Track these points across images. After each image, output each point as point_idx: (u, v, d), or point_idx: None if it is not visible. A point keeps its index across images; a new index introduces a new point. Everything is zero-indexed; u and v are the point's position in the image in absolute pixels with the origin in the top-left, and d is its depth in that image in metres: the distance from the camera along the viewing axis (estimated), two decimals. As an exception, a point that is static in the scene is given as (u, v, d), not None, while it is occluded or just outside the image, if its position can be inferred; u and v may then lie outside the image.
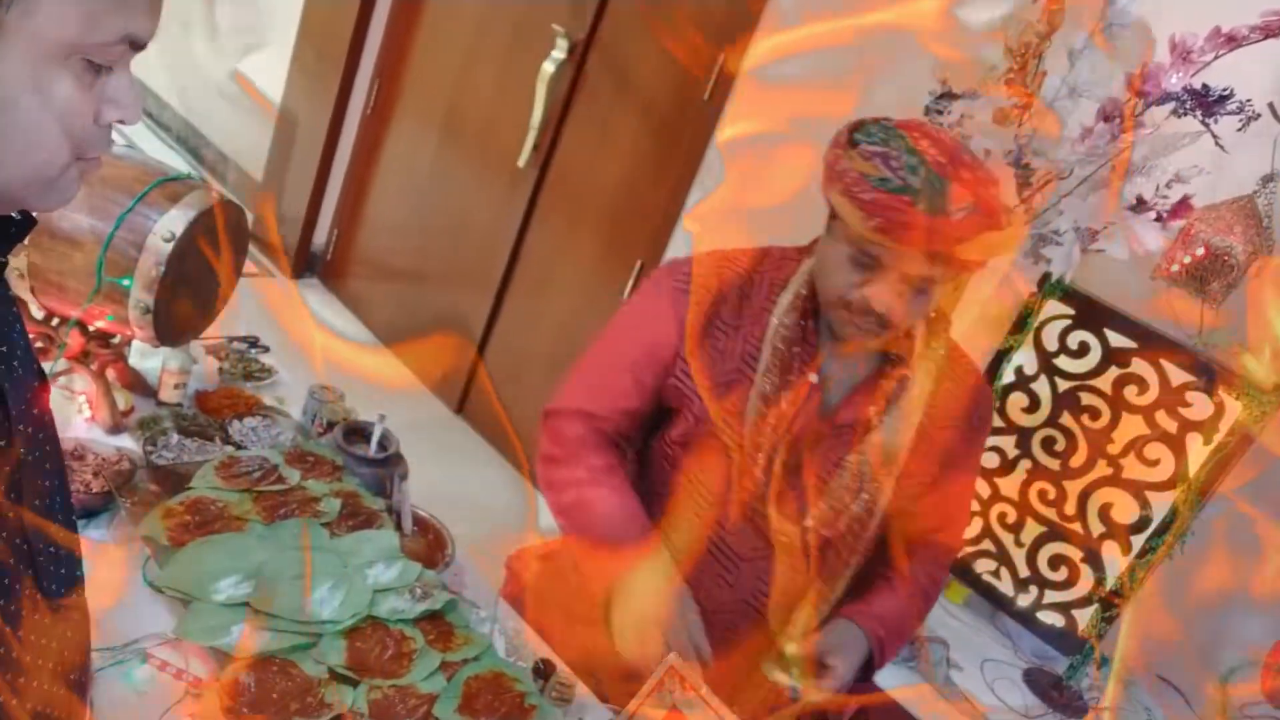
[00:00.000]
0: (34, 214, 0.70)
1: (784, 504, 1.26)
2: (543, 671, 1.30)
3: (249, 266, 1.59)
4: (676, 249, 2.75)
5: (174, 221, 1.34)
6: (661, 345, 1.29)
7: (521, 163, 3.06)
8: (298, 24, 3.62)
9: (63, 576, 0.74)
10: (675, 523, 1.32)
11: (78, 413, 1.49)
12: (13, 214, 0.68)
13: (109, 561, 1.25)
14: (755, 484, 1.25)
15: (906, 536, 1.36)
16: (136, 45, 0.63)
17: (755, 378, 1.24)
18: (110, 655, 1.11)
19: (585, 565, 1.33)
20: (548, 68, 2.95)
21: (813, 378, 1.24)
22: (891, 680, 1.80)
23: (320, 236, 3.81)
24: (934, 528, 1.37)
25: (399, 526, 1.46)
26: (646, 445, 1.41)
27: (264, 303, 3.57)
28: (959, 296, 1.85)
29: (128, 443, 1.46)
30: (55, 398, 1.45)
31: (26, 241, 1.32)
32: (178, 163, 1.49)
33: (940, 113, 1.70)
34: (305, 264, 3.84)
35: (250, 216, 1.54)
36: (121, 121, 0.64)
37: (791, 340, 1.23)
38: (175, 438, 1.48)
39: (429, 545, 1.48)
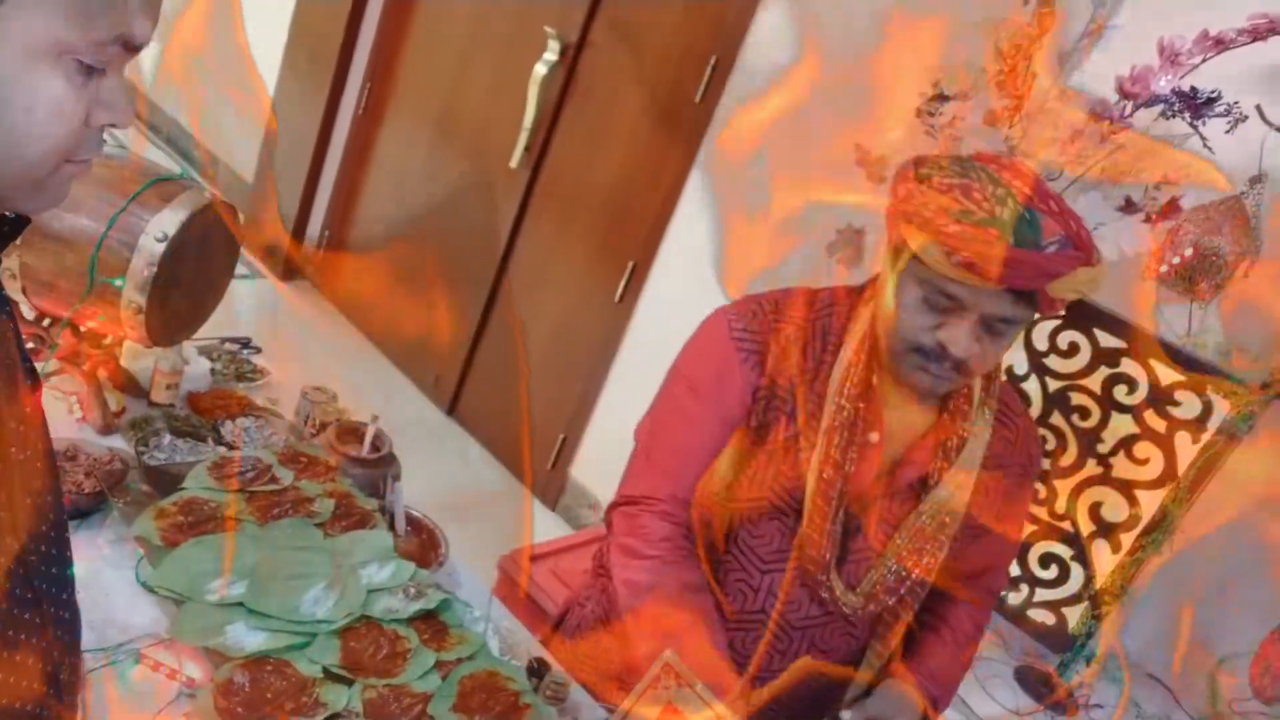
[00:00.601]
0: (26, 214, 0.70)
1: (841, 567, 1.19)
2: (537, 670, 1.30)
3: (239, 269, 1.59)
4: (669, 251, 2.75)
5: (167, 222, 1.34)
6: (733, 412, 1.19)
7: (513, 164, 3.06)
8: (289, 25, 3.61)
9: (53, 576, 0.74)
10: (727, 590, 1.25)
11: (69, 413, 1.49)
12: (4, 214, 0.68)
13: (101, 562, 1.24)
14: (816, 551, 1.17)
15: (955, 577, 1.29)
16: (131, 47, 0.62)
17: (817, 439, 1.15)
18: (103, 656, 1.11)
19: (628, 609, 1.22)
20: (540, 69, 2.95)
21: (874, 437, 1.16)
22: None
23: (311, 238, 3.81)
24: (981, 570, 1.31)
25: (392, 527, 1.46)
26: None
27: (255, 304, 3.56)
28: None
29: (120, 443, 1.46)
30: (46, 398, 1.45)
31: (19, 241, 1.32)
32: (169, 164, 1.49)
33: (933, 114, 1.71)
34: (296, 266, 3.83)
35: (241, 218, 1.54)
36: (113, 125, 0.63)
37: (856, 397, 1.15)
38: (167, 438, 1.48)
39: (422, 545, 1.48)
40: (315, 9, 3.56)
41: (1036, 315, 1.10)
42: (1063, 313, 1.89)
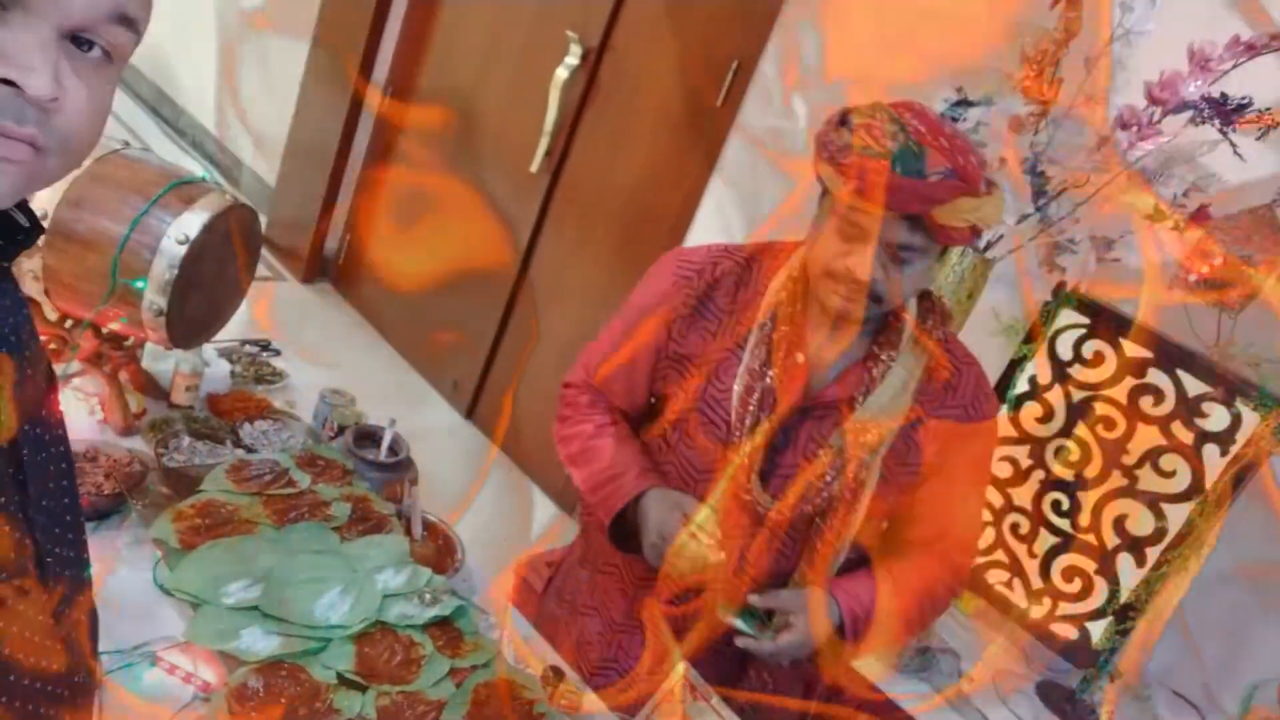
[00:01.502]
0: (42, 220, 0.70)
1: (768, 481, 1.29)
2: (552, 679, 1.29)
3: (261, 270, 1.59)
4: (688, 255, 2.74)
5: (188, 224, 1.34)
6: (655, 335, 1.34)
7: (534, 168, 3.06)
8: (313, 30, 3.63)
9: (70, 578, 0.74)
10: None
11: (90, 414, 1.49)
12: (20, 219, 0.67)
13: (119, 563, 1.25)
14: (741, 461, 1.27)
15: (906, 541, 1.37)
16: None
17: (743, 355, 1.28)
18: (119, 658, 1.11)
19: (593, 503, 1.38)
20: (561, 73, 2.95)
21: (799, 358, 1.27)
22: (903, 693, 1.78)
23: (332, 241, 3.83)
24: (935, 534, 1.35)
25: (409, 531, 1.46)
26: (644, 431, 1.45)
27: (276, 307, 3.58)
28: (971, 307, 1.84)
29: (139, 445, 1.47)
30: (67, 399, 1.46)
31: (41, 244, 1.33)
32: (192, 166, 1.49)
33: (956, 119, 1.69)
34: (317, 268, 3.85)
35: (263, 220, 1.54)
36: (8, 82, 0.54)
37: (780, 319, 1.27)
38: (186, 440, 1.48)
39: (439, 550, 1.48)
40: (338, 13, 3.58)
41: (939, 245, 1.20)
42: (1086, 321, 1.87)
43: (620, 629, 1.44)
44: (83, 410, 1.49)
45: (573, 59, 2.94)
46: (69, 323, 1.45)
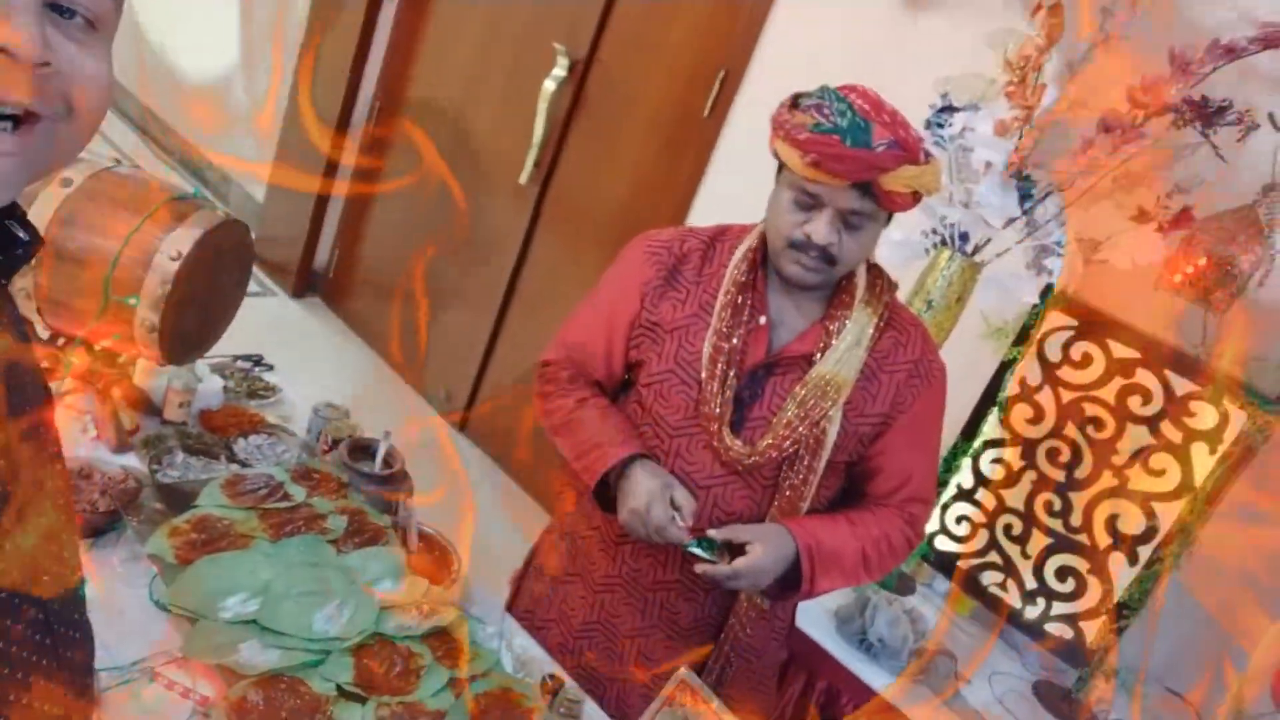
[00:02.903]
0: (39, 235, 0.70)
1: (738, 433, 1.39)
2: (551, 688, 1.29)
3: (251, 286, 1.59)
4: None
5: (181, 240, 1.35)
6: (629, 306, 1.45)
7: (523, 180, 3.07)
8: (300, 42, 3.64)
9: (65, 595, 0.74)
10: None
11: (83, 432, 1.49)
12: (19, 234, 0.68)
13: (115, 580, 1.24)
14: (712, 414, 1.38)
15: (866, 495, 1.47)
16: None
17: (711, 320, 1.40)
18: (117, 675, 1.11)
19: (579, 468, 1.45)
20: (549, 86, 2.97)
21: (761, 320, 1.40)
22: (899, 693, 1.79)
23: (322, 256, 3.82)
24: (893, 487, 1.45)
25: (405, 543, 1.46)
26: (620, 398, 1.53)
27: (267, 322, 3.58)
28: (960, 311, 1.85)
29: (133, 462, 1.46)
30: (61, 417, 1.46)
31: (34, 262, 1.33)
32: (181, 184, 1.50)
33: (942, 125, 1.71)
34: (307, 283, 3.85)
35: (253, 235, 1.55)
36: (4, 49, 0.55)
37: (743, 286, 1.40)
38: (180, 456, 1.48)
39: (435, 562, 1.48)
40: (326, 27, 3.58)
41: (885, 212, 1.32)
42: (1074, 322, 1.88)
43: (600, 588, 1.51)
44: (76, 428, 1.49)
45: (560, 71, 2.96)
46: (61, 341, 1.45)
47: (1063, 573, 1.93)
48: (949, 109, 1.69)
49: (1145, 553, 1.84)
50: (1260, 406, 1.70)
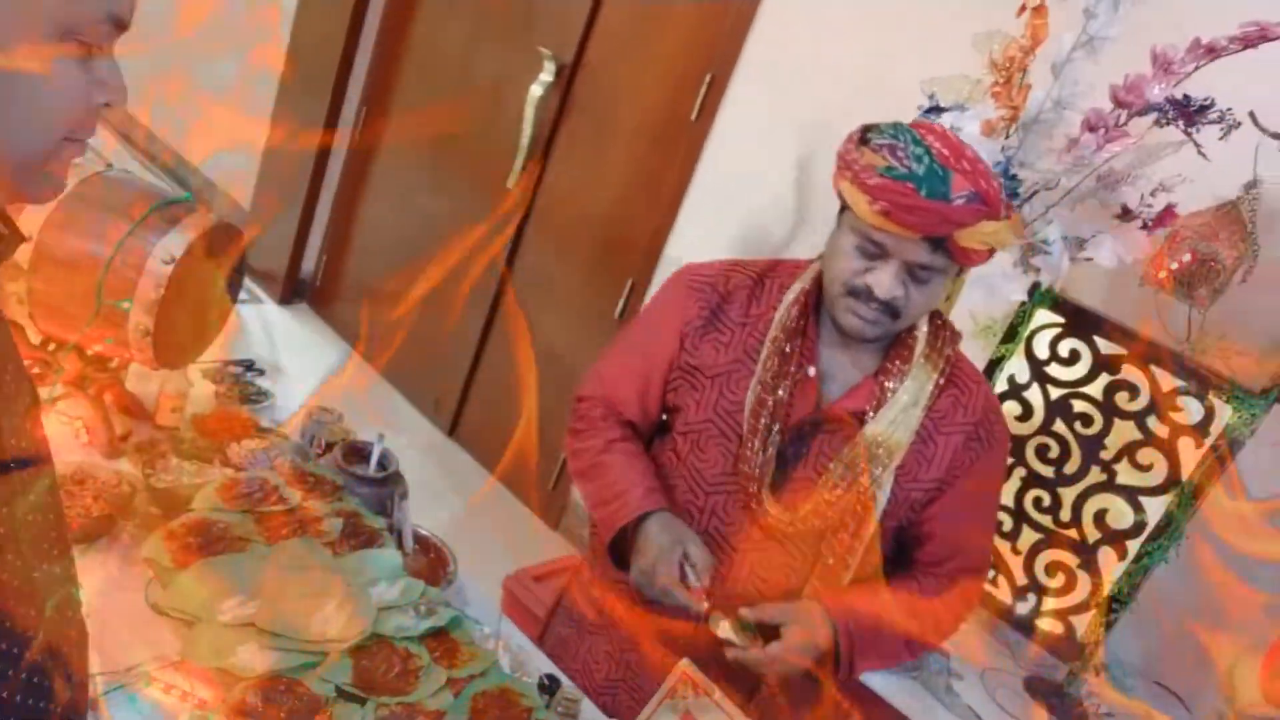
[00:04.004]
0: (20, 231, 0.71)
1: (779, 494, 1.28)
2: (548, 687, 1.30)
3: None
4: (667, 268, 2.76)
5: (173, 244, 1.35)
6: (668, 347, 1.34)
7: (510, 184, 3.08)
8: (284, 50, 3.63)
9: (59, 598, 0.74)
10: (675, 512, 1.34)
11: (75, 438, 1.48)
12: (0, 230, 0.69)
13: (111, 585, 1.24)
14: (752, 473, 1.27)
15: (914, 562, 1.35)
16: (120, 25, 0.64)
17: (755, 368, 1.28)
18: (114, 679, 1.10)
19: (598, 518, 1.37)
20: (535, 90, 2.97)
21: (810, 371, 1.29)
22: (893, 691, 1.80)
23: (309, 262, 3.81)
24: (944, 555, 1.34)
25: (400, 545, 1.46)
26: (654, 443, 1.44)
27: (255, 328, 3.56)
28: (949, 309, 1.87)
29: (126, 466, 1.46)
30: (53, 423, 1.45)
31: (26, 267, 1.33)
32: (173, 188, 1.50)
33: (928, 126, 1.72)
34: (294, 290, 3.83)
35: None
36: (108, 104, 0.65)
37: (792, 333, 1.28)
38: (173, 461, 1.48)
39: (431, 563, 1.48)
40: (311, 34, 3.58)
41: (957, 265, 1.21)
42: (1061, 320, 1.90)
43: (627, 645, 1.42)
44: (67, 433, 1.48)
45: (547, 76, 2.97)
46: (53, 346, 1.45)
47: (1052, 568, 1.94)
48: (935, 109, 1.71)
49: (1134, 547, 1.86)
50: (1245, 401, 1.73)
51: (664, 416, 1.41)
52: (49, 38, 0.60)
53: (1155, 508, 1.84)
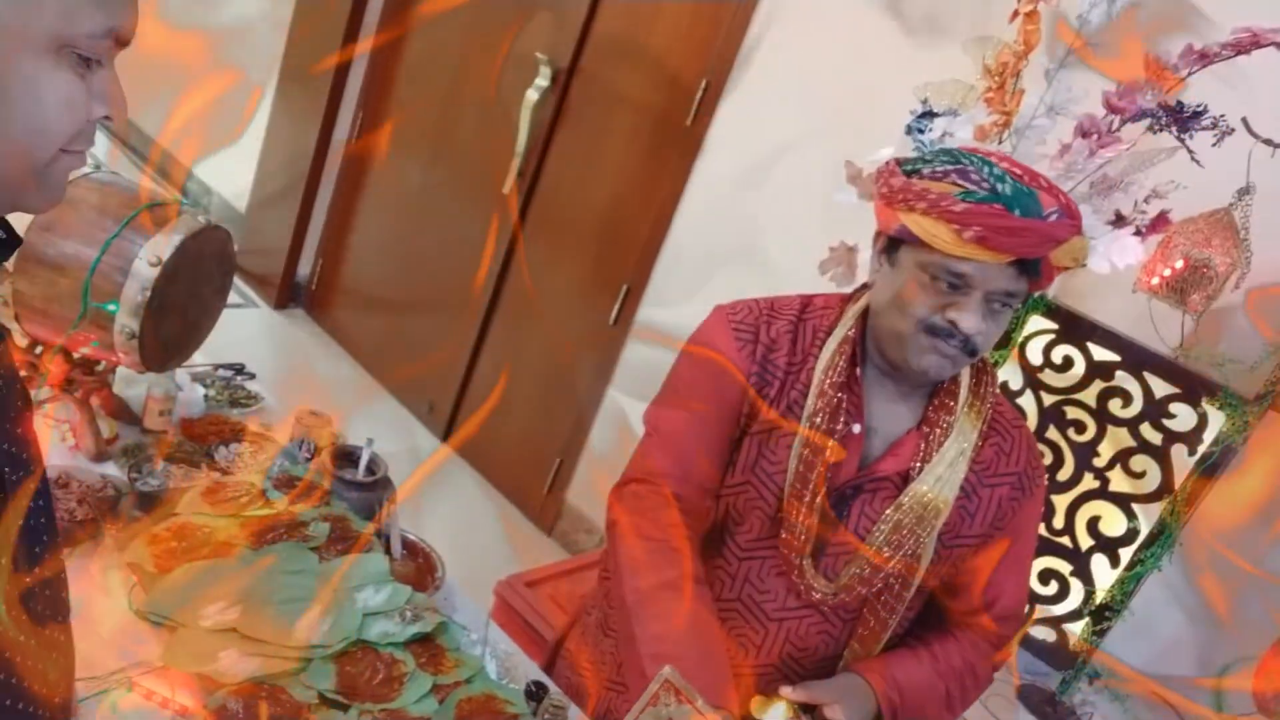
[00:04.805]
0: (18, 234, 0.71)
1: (819, 559, 1.21)
2: (535, 694, 1.29)
3: (232, 297, 1.58)
4: (662, 274, 2.76)
5: (160, 246, 1.34)
6: (737, 404, 1.23)
7: (506, 189, 3.07)
8: (282, 54, 3.63)
9: (48, 599, 0.73)
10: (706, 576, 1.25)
11: (62, 441, 1.48)
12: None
13: (93, 589, 1.23)
14: (794, 540, 1.19)
15: (949, 611, 1.30)
16: (121, 40, 0.65)
17: (800, 426, 1.19)
18: (95, 684, 1.09)
19: (644, 654, 1.14)
20: (531, 95, 2.97)
21: (855, 428, 1.20)
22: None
23: (304, 267, 3.81)
24: (981, 605, 1.27)
25: (388, 550, 1.45)
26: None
27: (250, 332, 3.56)
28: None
29: (113, 470, 1.45)
30: (39, 426, 1.44)
31: (12, 269, 1.32)
32: (162, 190, 1.49)
33: (922, 130, 1.72)
34: (289, 294, 3.83)
35: (235, 246, 1.54)
36: (108, 119, 0.66)
37: (839, 386, 1.19)
38: (160, 464, 1.47)
39: (419, 569, 1.47)
40: (308, 38, 3.58)
41: (1037, 292, 1.15)
42: (1054, 326, 1.90)
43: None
44: (54, 437, 1.47)
45: (543, 81, 2.97)
46: (39, 349, 1.44)
47: (1046, 575, 1.93)
48: (929, 114, 1.70)
49: (1127, 555, 1.85)
50: (1237, 408, 1.72)
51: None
52: (48, 52, 0.60)
53: (1149, 515, 1.84)
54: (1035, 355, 1.94)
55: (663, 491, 1.22)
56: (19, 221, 1.33)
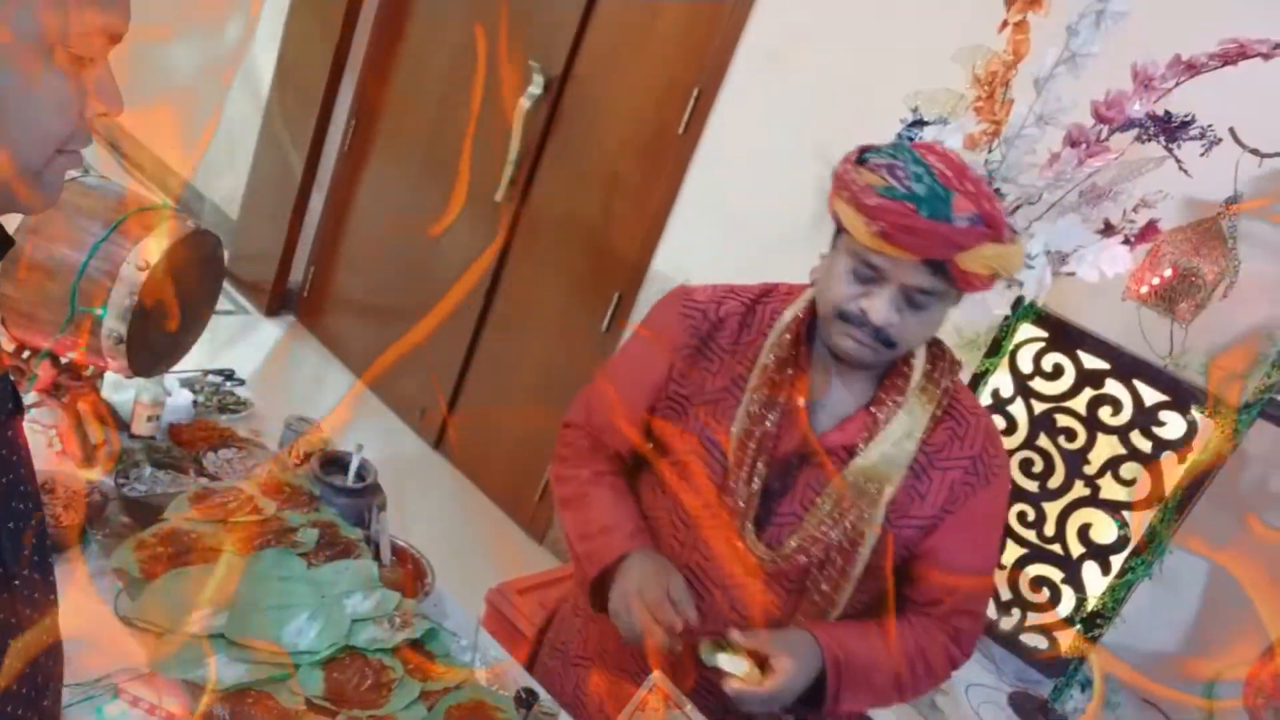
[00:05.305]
0: (10, 235, 0.70)
1: (764, 529, 1.24)
2: (525, 700, 1.28)
3: (224, 304, 1.58)
4: (654, 281, 2.76)
5: (149, 251, 1.33)
6: (655, 374, 1.29)
7: (499, 197, 3.07)
8: (274, 61, 3.63)
9: (35, 601, 0.73)
10: (655, 543, 1.31)
11: (48, 446, 1.47)
12: None
13: (80, 595, 1.22)
14: (736, 506, 1.22)
15: (907, 600, 1.30)
16: (114, 38, 0.64)
17: (743, 397, 1.23)
18: (81, 691, 1.08)
19: (580, 553, 1.32)
20: (524, 103, 2.98)
21: (801, 401, 1.23)
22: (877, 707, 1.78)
23: (296, 274, 3.80)
24: (938, 596, 1.28)
25: (377, 556, 1.45)
26: (639, 474, 1.39)
27: (240, 339, 3.54)
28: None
29: (99, 476, 1.44)
30: (25, 430, 1.43)
31: (-1, 270, 1.31)
32: (151, 195, 1.49)
33: (912, 139, 1.72)
34: (281, 302, 3.82)
35: (226, 254, 1.53)
36: (105, 114, 0.65)
37: (783, 361, 1.23)
38: (148, 470, 1.46)
39: (408, 575, 1.47)
40: (301, 46, 3.58)
41: (956, 291, 1.16)
42: (1044, 334, 1.91)
43: (618, 673, 1.35)
44: (41, 442, 1.47)
45: (535, 89, 2.97)
46: (26, 353, 1.43)
47: (1037, 583, 1.93)
48: (919, 123, 1.71)
49: (1118, 562, 1.85)
50: (1227, 416, 1.73)
51: (650, 445, 1.35)
52: (41, 50, 0.60)
53: (1139, 522, 1.84)
54: (1025, 363, 1.94)
55: (586, 433, 1.39)
56: (6, 224, 1.32)
